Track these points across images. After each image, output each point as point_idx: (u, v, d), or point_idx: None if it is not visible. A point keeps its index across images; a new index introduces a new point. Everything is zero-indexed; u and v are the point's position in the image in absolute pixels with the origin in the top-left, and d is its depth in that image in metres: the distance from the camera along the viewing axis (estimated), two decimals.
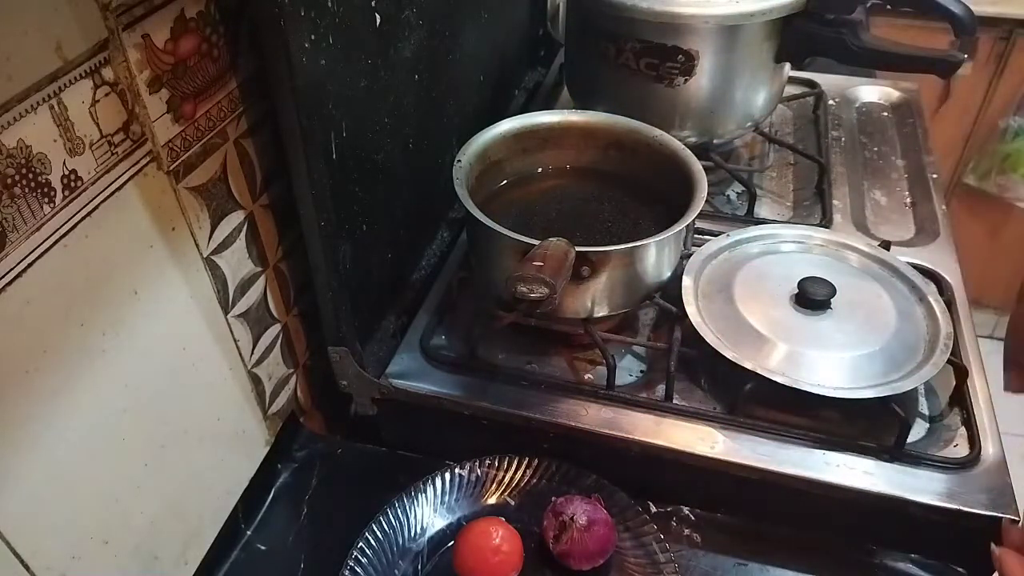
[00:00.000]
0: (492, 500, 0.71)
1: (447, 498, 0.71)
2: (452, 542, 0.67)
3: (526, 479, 0.72)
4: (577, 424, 0.71)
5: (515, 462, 0.72)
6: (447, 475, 0.71)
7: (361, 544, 0.66)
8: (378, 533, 0.67)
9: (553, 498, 0.67)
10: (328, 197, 0.63)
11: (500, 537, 0.64)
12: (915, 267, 0.80)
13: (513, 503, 0.71)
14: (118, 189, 0.50)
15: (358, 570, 0.64)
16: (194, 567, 0.65)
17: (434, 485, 0.71)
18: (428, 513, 0.70)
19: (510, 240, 0.68)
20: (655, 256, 0.72)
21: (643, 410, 0.72)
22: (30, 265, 0.44)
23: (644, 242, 0.69)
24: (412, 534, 0.68)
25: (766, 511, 0.69)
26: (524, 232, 0.68)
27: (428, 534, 0.69)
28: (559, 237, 0.65)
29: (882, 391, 0.66)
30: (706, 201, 0.73)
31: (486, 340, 0.78)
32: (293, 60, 0.55)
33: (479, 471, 0.72)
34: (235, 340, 0.66)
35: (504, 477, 0.72)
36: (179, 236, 0.57)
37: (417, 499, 0.70)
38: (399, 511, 0.69)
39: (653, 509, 0.71)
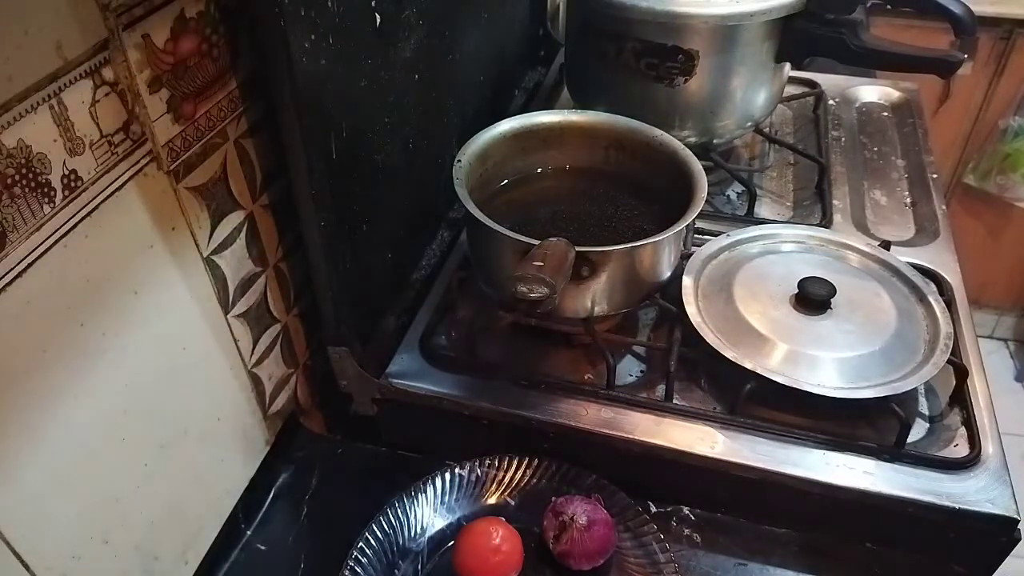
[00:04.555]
0: (492, 500, 0.71)
1: (447, 498, 0.71)
2: (452, 542, 0.67)
3: (526, 479, 0.72)
4: (577, 424, 0.71)
5: (515, 462, 0.72)
6: (447, 475, 0.71)
7: (361, 544, 0.66)
8: (378, 533, 0.67)
9: (553, 498, 0.67)
10: (328, 197, 0.63)
11: (500, 537, 0.64)
12: (915, 267, 0.80)
13: (513, 503, 0.71)
14: (118, 189, 0.50)
15: (358, 570, 0.64)
16: (194, 567, 0.65)
17: (434, 485, 0.71)
18: (428, 513, 0.70)
19: (510, 240, 0.68)
20: (655, 256, 0.72)
21: (643, 410, 0.72)
22: (30, 265, 0.44)
23: (644, 242, 0.69)
24: (412, 534, 0.68)
25: (766, 511, 0.69)
26: (524, 232, 0.68)
27: (428, 534, 0.69)
28: (559, 237, 0.65)
29: (882, 391, 0.66)
30: (706, 201, 0.73)
31: (486, 340, 0.78)
32: (293, 60, 0.55)
33: (479, 471, 0.72)
34: (235, 340, 0.66)
35: (504, 477, 0.72)
36: (179, 236, 0.57)
37: (417, 499, 0.70)
38: (399, 511, 0.69)
39: (653, 509, 0.71)
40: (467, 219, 0.73)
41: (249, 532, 0.70)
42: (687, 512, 0.71)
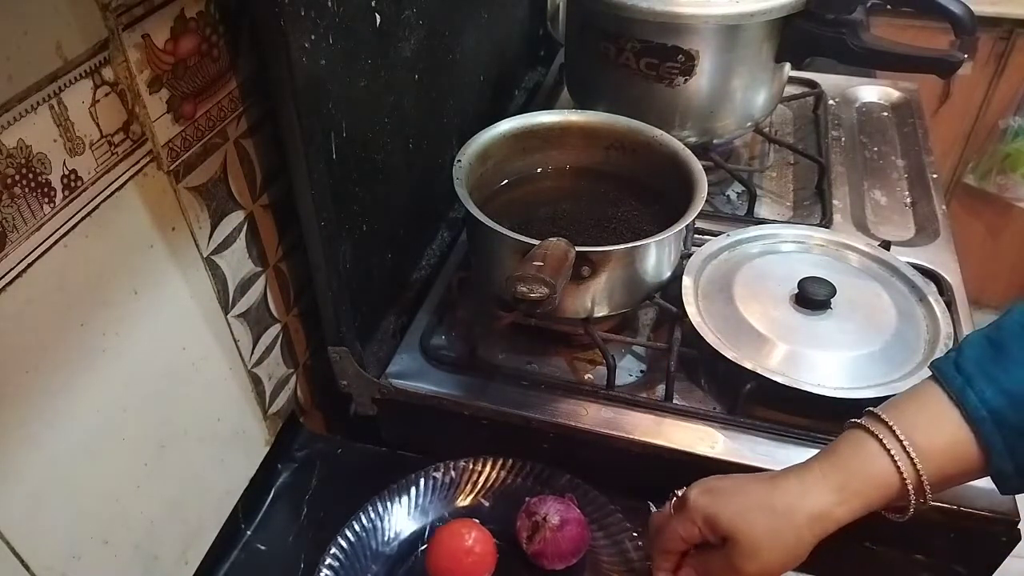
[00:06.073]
0: (466, 502, 0.71)
1: (421, 500, 0.70)
2: (426, 545, 0.66)
3: (500, 480, 0.72)
4: (577, 424, 0.71)
5: (489, 463, 0.72)
6: (421, 477, 0.71)
7: (334, 550, 0.65)
8: (351, 537, 0.66)
9: (527, 498, 0.67)
10: (328, 197, 0.63)
11: (473, 539, 0.63)
12: (915, 267, 0.80)
13: (487, 504, 0.71)
14: (118, 189, 0.50)
15: (330, 575, 0.64)
16: (194, 567, 0.65)
17: (408, 488, 0.70)
18: (402, 516, 0.69)
19: (510, 240, 0.68)
20: (655, 256, 0.72)
21: (643, 410, 0.72)
22: (30, 265, 0.44)
23: (644, 242, 0.69)
24: (386, 538, 0.68)
25: None
26: (524, 232, 0.68)
27: (402, 537, 0.68)
28: (559, 237, 0.65)
29: (882, 391, 0.66)
30: (706, 201, 0.73)
31: (486, 340, 0.78)
32: (293, 60, 0.55)
33: (453, 473, 0.71)
34: (235, 340, 0.66)
35: (478, 478, 0.72)
36: (179, 236, 0.57)
37: (391, 502, 0.69)
38: (372, 515, 0.68)
39: (653, 509, 0.71)
40: (467, 219, 0.73)
41: (249, 532, 0.70)
42: None
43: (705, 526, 0.53)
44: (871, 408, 0.53)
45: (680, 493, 0.58)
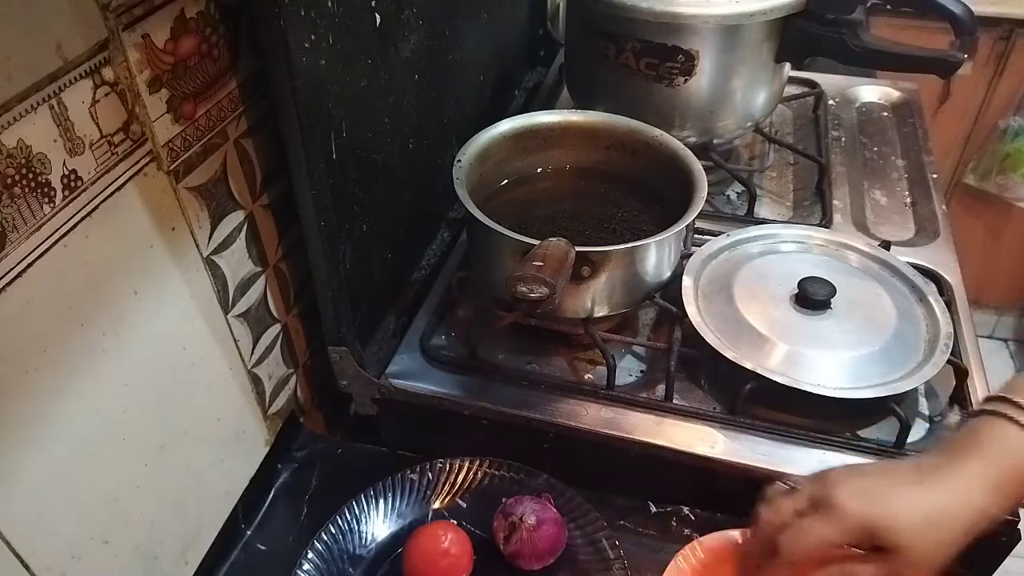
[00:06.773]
0: (443, 503, 0.70)
1: (398, 503, 0.70)
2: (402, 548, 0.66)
3: (477, 481, 0.71)
4: (577, 424, 0.71)
5: (466, 464, 0.72)
6: (398, 479, 0.71)
7: (311, 554, 0.65)
8: (327, 540, 0.66)
9: (503, 499, 0.66)
10: (328, 197, 0.63)
11: (449, 540, 0.63)
12: (915, 267, 0.80)
13: (464, 505, 0.70)
14: (118, 189, 0.50)
15: None
16: (194, 567, 0.65)
17: (384, 490, 0.70)
18: (379, 519, 0.69)
19: (510, 240, 0.68)
20: (655, 256, 0.72)
21: (643, 410, 0.72)
22: (30, 265, 0.44)
23: (644, 242, 0.69)
24: (363, 540, 0.67)
25: None
26: (524, 232, 0.68)
27: (379, 540, 0.68)
28: (559, 237, 0.65)
29: (882, 391, 0.66)
30: (706, 201, 0.73)
31: (486, 340, 0.78)
32: (293, 60, 0.55)
33: (430, 474, 0.71)
34: (235, 340, 0.66)
35: (455, 479, 0.71)
36: (179, 236, 0.57)
37: (367, 505, 0.69)
38: (349, 517, 0.68)
39: (653, 509, 0.71)
40: (467, 219, 0.73)
41: (249, 532, 0.70)
42: (687, 512, 0.71)
43: (862, 534, 0.50)
44: (1006, 396, 0.52)
45: (793, 484, 0.54)
